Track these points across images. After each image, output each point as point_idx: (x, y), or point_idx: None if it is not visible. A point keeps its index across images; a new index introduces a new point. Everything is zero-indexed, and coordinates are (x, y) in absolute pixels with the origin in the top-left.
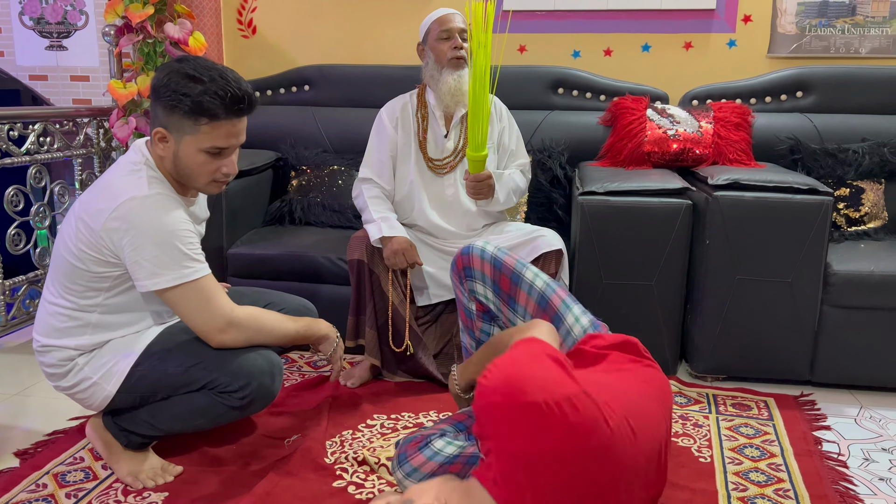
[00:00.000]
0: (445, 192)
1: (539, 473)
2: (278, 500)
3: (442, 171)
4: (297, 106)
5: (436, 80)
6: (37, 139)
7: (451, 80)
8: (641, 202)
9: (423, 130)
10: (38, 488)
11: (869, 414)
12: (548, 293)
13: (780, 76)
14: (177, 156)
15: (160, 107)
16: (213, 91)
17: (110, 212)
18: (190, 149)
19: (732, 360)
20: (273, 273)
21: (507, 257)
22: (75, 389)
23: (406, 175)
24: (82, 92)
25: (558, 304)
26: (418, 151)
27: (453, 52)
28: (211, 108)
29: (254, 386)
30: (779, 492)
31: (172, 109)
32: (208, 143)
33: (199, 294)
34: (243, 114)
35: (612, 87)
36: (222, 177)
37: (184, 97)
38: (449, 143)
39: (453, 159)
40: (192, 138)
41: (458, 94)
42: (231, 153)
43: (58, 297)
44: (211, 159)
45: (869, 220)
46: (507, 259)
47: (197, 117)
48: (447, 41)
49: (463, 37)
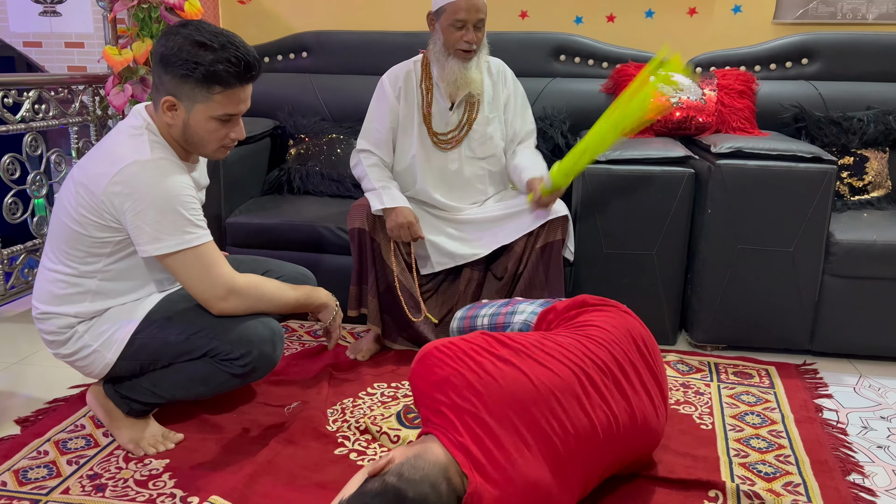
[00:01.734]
0: (449, 167)
1: (453, 397)
2: (280, 468)
3: (447, 145)
4: (294, 73)
5: (441, 63)
6: (32, 106)
7: (455, 70)
8: (643, 171)
9: (427, 103)
10: (40, 455)
11: (868, 383)
12: (494, 320)
13: (786, 43)
14: (187, 124)
15: (169, 76)
16: (226, 58)
17: (112, 176)
18: (201, 117)
19: (732, 330)
20: (272, 243)
21: (466, 320)
22: (75, 357)
23: (407, 148)
24: (77, 59)
25: (503, 319)
26: (422, 125)
27: (463, 45)
28: (224, 76)
29: (255, 354)
30: (780, 458)
31: (184, 78)
32: (220, 111)
33: (200, 260)
34: (253, 80)
35: (615, 53)
36: (230, 142)
37: (197, 66)
38: (454, 116)
39: (458, 133)
40: (205, 106)
41: (461, 84)
42: (239, 119)
43: (57, 263)
44: (221, 126)
45: (872, 190)
46: (465, 322)
47: (210, 85)
48: (460, 31)
49: (478, 26)
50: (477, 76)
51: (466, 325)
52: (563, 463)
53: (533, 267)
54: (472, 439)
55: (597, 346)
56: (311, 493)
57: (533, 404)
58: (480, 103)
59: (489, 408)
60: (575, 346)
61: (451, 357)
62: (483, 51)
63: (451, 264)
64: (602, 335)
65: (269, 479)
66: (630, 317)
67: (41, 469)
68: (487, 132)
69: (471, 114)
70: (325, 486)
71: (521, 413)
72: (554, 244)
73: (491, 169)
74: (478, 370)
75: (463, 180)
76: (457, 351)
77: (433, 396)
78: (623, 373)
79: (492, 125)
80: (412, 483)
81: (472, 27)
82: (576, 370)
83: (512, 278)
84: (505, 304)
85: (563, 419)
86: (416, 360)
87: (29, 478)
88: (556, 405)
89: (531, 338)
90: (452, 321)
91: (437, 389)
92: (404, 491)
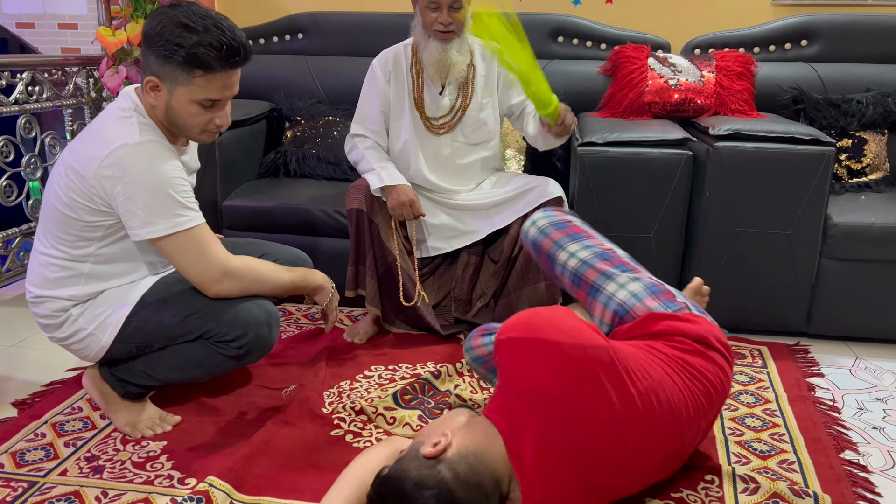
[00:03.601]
0: (442, 152)
1: (546, 412)
2: (276, 449)
3: (439, 130)
4: (290, 55)
5: (422, 46)
6: (25, 88)
7: (436, 52)
8: (641, 153)
9: (418, 88)
10: (37, 437)
11: (864, 365)
12: (581, 271)
13: (785, 24)
14: (169, 106)
15: (153, 56)
16: (209, 42)
17: (101, 159)
18: (183, 100)
19: (729, 313)
20: (269, 226)
21: (546, 240)
22: (70, 340)
23: (399, 133)
24: (70, 40)
25: (594, 278)
26: (414, 109)
27: (438, 27)
28: (206, 59)
29: (251, 336)
30: (774, 436)
31: (166, 60)
32: (202, 95)
33: (193, 243)
34: (238, 66)
35: (613, 35)
36: (215, 128)
37: (178, 48)
38: (445, 100)
39: (451, 118)
40: (186, 90)
41: (443, 67)
42: (225, 105)
43: (49, 247)
44: (204, 111)
45: (871, 172)
46: (545, 242)
47: (191, 69)
48: (434, 12)
49: (455, 7)
50: (458, 58)
51: (546, 248)
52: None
53: (527, 250)
54: (536, 458)
55: (703, 416)
56: (306, 473)
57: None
58: (474, 88)
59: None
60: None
61: (576, 375)
62: (466, 32)
63: (446, 249)
64: (714, 403)
65: (264, 460)
66: (732, 370)
67: (38, 451)
68: (481, 118)
69: (464, 99)
70: (320, 466)
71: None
72: None
73: (485, 154)
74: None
75: (456, 165)
76: (584, 362)
77: (528, 404)
78: (701, 433)
79: (485, 111)
80: (466, 487)
81: (446, 8)
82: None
83: (508, 261)
84: (599, 253)
85: (618, 481)
86: (536, 339)
87: (26, 460)
88: (623, 467)
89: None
90: (529, 224)
91: (537, 395)
92: (456, 493)
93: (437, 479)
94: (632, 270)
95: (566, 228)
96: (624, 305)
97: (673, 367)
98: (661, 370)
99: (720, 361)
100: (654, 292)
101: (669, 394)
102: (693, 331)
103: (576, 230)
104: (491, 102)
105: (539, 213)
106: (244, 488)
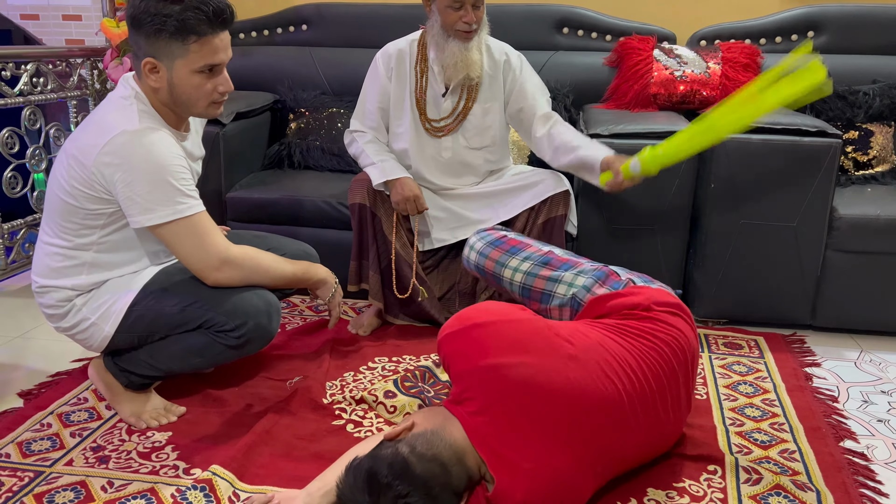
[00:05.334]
0: (442, 155)
1: (493, 386)
2: (278, 438)
3: (439, 133)
4: (294, 46)
5: (440, 45)
6: (30, 80)
7: (456, 52)
8: (646, 146)
9: (420, 88)
10: (43, 427)
11: (869, 357)
12: (528, 283)
13: (791, 15)
14: (171, 83)
15: (142, 36)
16: (194, 6)
17: (101, 147)
18: (183, 72)
19: (734, 305)
20: (273, 217)
21: (488, 261)
22: (75, 330)
23: (400, 131)
24: (75, 32)
25: (543, 285)
26: (414, 109)
27: (463, 26)
28: (196, 24)
29: (250, 325)
30: (774, 426)
31: (157, 34)
32: (200, 62)
33: (193, 230)
34: (227, 25)
35: (619, 26)
36: (219, 96)
37: (167, 18)
38: (447, 103)
39: (452, 122)
40: (183, 61)
41: (461, 66)
42: (222, 69)
43: (53, 236)
44: (206, 79)
45: (877, 164)
46: (488, 264)
47: (185, 36)
48: (458, 11)
49: (477, 5)
50: (477, 57)
51: (489, 269)
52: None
53: None
54: (497, 430)
55: (660, 368)
56: (308, 463)
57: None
58: (478, 90)
59: (527, 408)
60: (639, 366)
61: (509, 343)
62: (483, 29)
63: (450, 241)
64: (668, 358)
65: (266, 450)
66: (692, 328)
67: (44, 441)
68: (485, 123)
69: (467, 102)
70: (321, 456)
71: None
72: (556, 219)
73: (488, 157)
74: (535, 370)
75: (457, 167)
76: (515, 334)
77: (472, 380)
78: (672, 393)
79: (489, 115)
80: (422, 459)
81: (470, 6)
82: (631, 392)
83: None
84: (540, 259)
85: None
86: (468, 326)
87: (32, 450)
88: (598, 420)
89: (593, 337)
90: (468, 250)
91: (480, 374)
92: (413, 465)
93: (394, 452)
94: (574, 266)
95: (503, 245)
96: (576, 299)
97: (611, 331)
98: (598, 333)
99: (670, 319)
100: (599, 278)
101: (611, 350)
102: (635, 302)
103: (512, 243)
104: (496, 107)
105: (474, 237)
106: (246, 477)
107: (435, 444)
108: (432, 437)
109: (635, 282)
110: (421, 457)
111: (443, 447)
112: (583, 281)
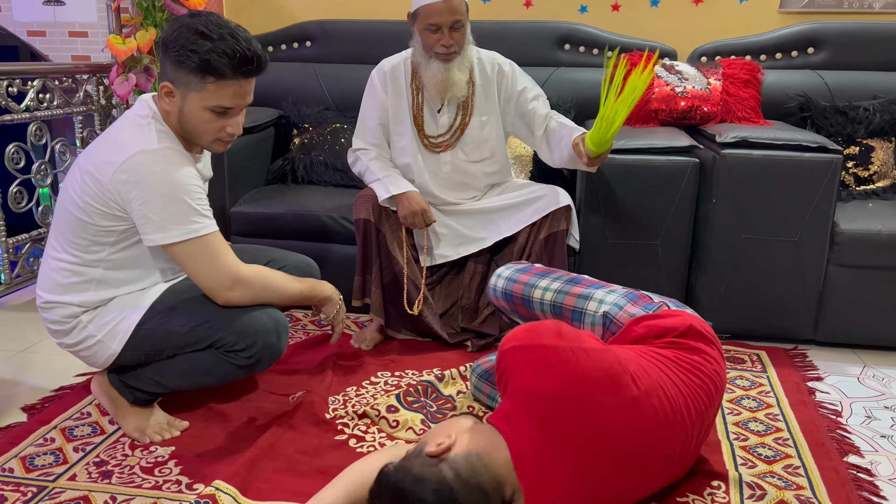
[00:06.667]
0: (441, 170)
1: (550, 415)
2: (281, 453)
3: (437, 149)
4: (298, 62)
5: (423, 65)
6: (36, 95)
7: (437, 72)
8: (648, 160)
9: (417, 105)
10: (46, 442)
11: (872, 373)
12: (559, 300)
13: (792, 32)
14: (182, 111)
15: (168, 61)
16: (222, 50)
17: (119, 164)
18: (195, 106)
19: (736, 320)
20: (277, 232)
21: (516, 285)
22: (79, 347)
23: (401, 147)
24: (81, 48)
25: (573, 303)
26: (413, 127)
27: (440, 49)
28: (218, 66)
29: (260, 345)
30: (778, 440)
31: (180, 65)
32: (213, 102)
33: (206, 250)
34: (251, 75)
35: (620, 42)
36: (227, 136)
37: (192, 53)
38: (443, 118)
39: (450, 138)
40: (198, 96)
41: (445, 86)
42: (237, 113)
43: (62, 251)
44: (216, 118)
45: (878, 180)
46: (516, 287)
47: (203, 75)
48: (435, 34)
49: (455, 27)
50: (460, 76)
51: (518, 293)
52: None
53: (536, 258)
54: (541, 462)
55: (704, 408)
56: (311, 478)
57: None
58: (472, 105)
59: (580, 450)
60: (687, 408)
61: (578, 374)
62: (466, 49)
63: (453, 257)
64: (711, 395)
65: (269, 464)
66: (724, 360)
67: (48, 456)
68: (482, 136)
69: (463, 118)
70: (324, 471)
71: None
72: (557, 234)
73: (489, 170)
74: (597, 411)
75: (457, 182)
76: (585, 366)
77: (532, 404)
78: (705, 428)
79: (486, 127)
80: (467, 486)
81: (447, 29)
82: (678, 445)
83: None
84: (569, 280)
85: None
86: (537, 344)
87: (36, 464)
88: (637, 473)
89: (654, 377)
90: (495, 279)
91: (541, 401)
92: (458, 494)
93: (438, 477)
94: (604, 286)
95: (531, 271)
96: (608, 316)
97: (667, 364)
98: (657, 369)
99: (710, 351)
100: (632, 298)
101: (668, 391)
102: (676, 324)
103: (540, 269)
104: (492, 118)
105: (502, 268)
106: (249, 492)
107: (480, 471)
108: (477, 462)
109: (669, 305)
110: (465, 484)
111: (487, 476)
112: (614, 298)
